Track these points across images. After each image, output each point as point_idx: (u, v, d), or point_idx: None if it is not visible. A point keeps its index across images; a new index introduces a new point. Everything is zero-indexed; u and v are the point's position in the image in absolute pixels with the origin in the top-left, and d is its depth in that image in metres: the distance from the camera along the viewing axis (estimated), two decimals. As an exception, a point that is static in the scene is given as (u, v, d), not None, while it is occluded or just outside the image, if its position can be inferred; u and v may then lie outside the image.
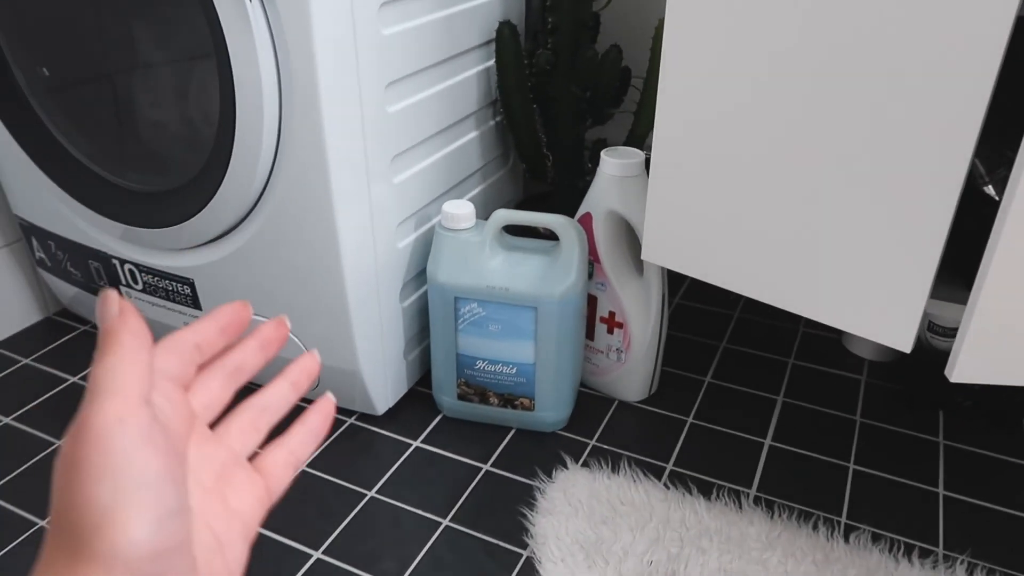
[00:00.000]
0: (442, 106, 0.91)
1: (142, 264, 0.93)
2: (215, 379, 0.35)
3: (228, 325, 0.35)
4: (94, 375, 0.27)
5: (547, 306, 0.85)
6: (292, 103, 0.74)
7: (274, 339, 0.37)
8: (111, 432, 0.25)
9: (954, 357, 0.67)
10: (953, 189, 0.63)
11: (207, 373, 0.35)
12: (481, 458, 0.90)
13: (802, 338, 1.12)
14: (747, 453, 0.91)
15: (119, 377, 0.27)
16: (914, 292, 0.68)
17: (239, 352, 0.36)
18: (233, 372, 0.35)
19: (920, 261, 0.66)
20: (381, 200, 0.84)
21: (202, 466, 0.32)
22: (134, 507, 0.24)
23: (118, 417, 0.26)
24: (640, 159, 0.87)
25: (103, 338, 0.28)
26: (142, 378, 0.27)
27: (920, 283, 0.67)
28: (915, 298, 0.68)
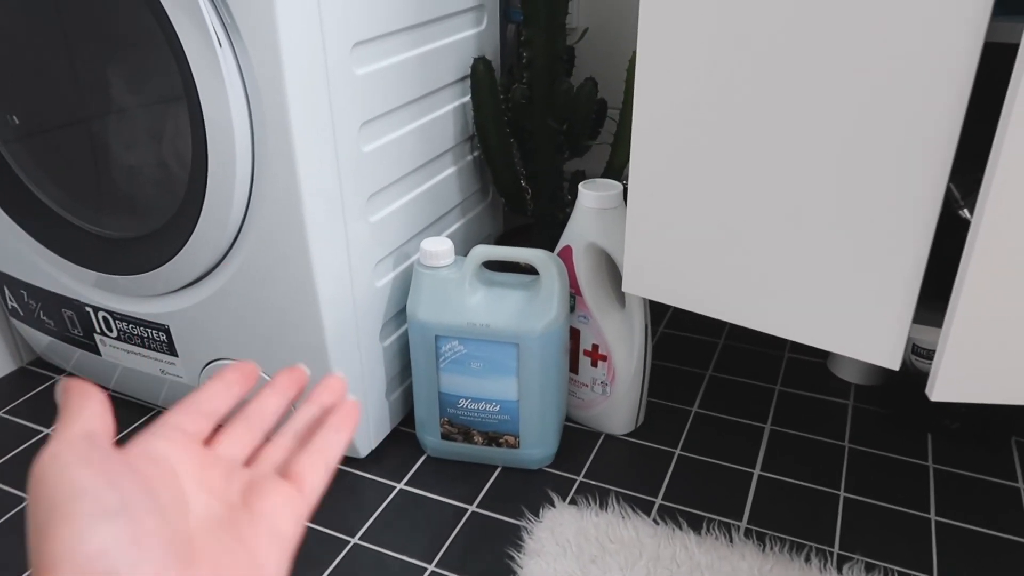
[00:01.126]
0: (419, 143, 0.91)
1: (116, 311, 0.91)
2: (238, 428, 0.36)
3: (234, 382, 0.37)
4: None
5: (529, 342, 0.84)
6: (265, 145, 0.73)
7: (290, 384, 0.39)
8: (46, 466, 0.27)
9: (933, 376, 0.67)
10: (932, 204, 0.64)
11: (231, 426, 0.36)
12: (466, 499, 0.88)
13: (788, 364, 1.12)
14: (736, 484, 0.90)
15: (59, 428, 0.29)
16: (899, 309, 0.68)
17: (257, 401, 0.38)
18: (255, 419, 0.37)
19: (904, 278, 0.67)
20: (358, 239, 0.83)
21: (223, 486, 0.33)
22: (70, 512, 0.26)
23: (52, 454, 0.28)
24: (618, 191, 0.87)
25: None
26: (79, 418, 0.30)
27: (905, 300, 0.67)
28: (900, 315, 0.68)
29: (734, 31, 0.66)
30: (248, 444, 0.36)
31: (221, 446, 0.35)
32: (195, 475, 0.32)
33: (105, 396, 0.31)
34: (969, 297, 0.63)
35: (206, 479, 0.32)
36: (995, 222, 0.60)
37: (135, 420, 1.01)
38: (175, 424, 0.33)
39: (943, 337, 0.65)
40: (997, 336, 0.64)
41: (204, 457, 0.33)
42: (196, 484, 0.32)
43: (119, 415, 1.02)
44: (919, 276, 0.66)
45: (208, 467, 0.33)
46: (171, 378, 0.93)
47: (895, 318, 0.68)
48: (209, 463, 0.33)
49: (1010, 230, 0.60)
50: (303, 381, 0.39)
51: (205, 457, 0.33)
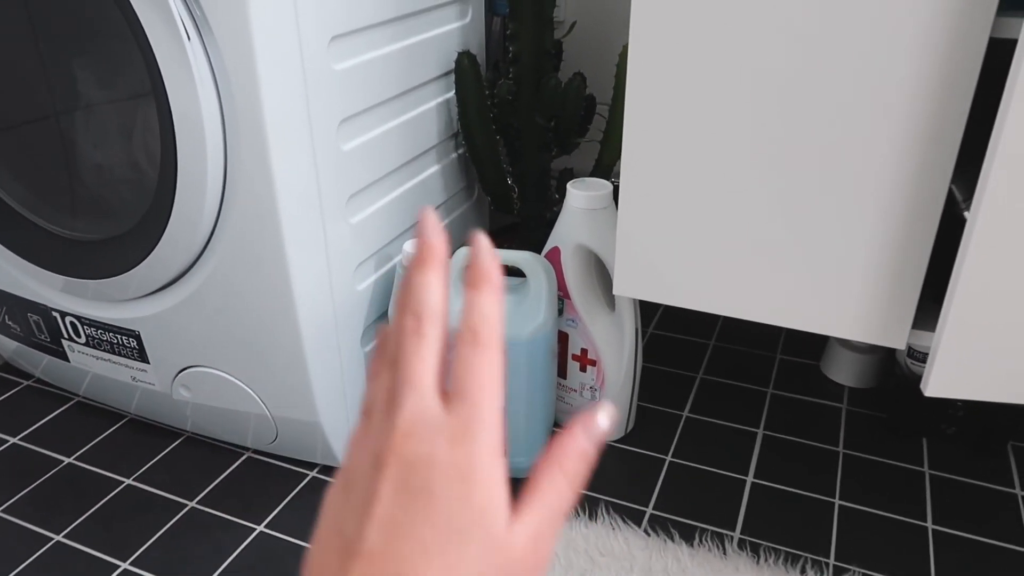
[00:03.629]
0: (401, 141, 0.88)
1: (84, 316, 0.87)
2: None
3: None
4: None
5: (516, 347, 0.81)
6: (238, 143, 0.70)
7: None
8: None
9: (928, 372, 0.66)
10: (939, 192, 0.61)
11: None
12: (452, 509, 0.85)
13: (780, 366, 1.09)
14: (729, 492, 0.87)
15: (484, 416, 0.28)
16: (905, 287, 0.66)
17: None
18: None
19: (910, 259, 0.65)
20: (338, 241, 0.80)
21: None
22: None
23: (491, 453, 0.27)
24: (608, 191, 0.84)
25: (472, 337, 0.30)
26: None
27: (911, 278, 0.66)
28: (906, 292, 0.67)
29: (729, 23, 0.63)
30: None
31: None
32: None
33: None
34: (964, 293, 0.62)
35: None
36: (991, 217, 0.58)
37: (106, 428, 0.97)
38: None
39: (938, 332, 0.64)
40: (992, 332, 0.63)
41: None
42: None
43: (89, 423, 0.98)
44: (926, 254, 0.64)
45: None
46: (143, 385, 0.90)
47: (902, 296, 0.67)
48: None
49: (1006, 226, 0.58)
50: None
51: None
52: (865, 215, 0.65)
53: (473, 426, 0.27)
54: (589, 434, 0.30)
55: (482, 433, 0.27)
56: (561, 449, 0.29)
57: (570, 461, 0.29)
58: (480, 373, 0.28)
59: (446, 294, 0.31)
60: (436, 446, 0.27)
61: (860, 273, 0.67)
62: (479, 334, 0.29)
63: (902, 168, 0.62)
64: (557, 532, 0.29)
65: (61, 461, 0.92)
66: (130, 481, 0.89)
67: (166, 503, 0.86)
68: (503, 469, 0.27)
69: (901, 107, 0.60)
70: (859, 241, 0.66)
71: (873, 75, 0.60)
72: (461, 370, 0.29)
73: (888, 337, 0.70)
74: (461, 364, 0.29)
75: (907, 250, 0.65)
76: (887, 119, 0.61)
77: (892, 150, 0.62)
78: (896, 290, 0.67)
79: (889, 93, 0.60)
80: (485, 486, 0.27)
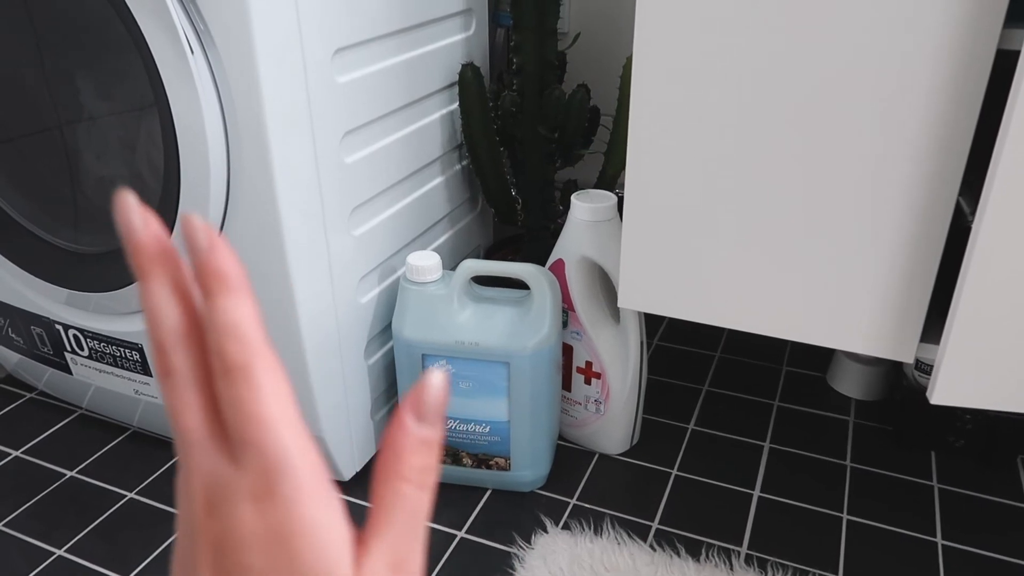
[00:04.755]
0: (404, 153, 0.87)
1: (87, 329, 0.87)
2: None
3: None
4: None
5: (520, 361, 0.80)
6: (240, 156, 0.70)
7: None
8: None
9: (934, 379, 0.66)
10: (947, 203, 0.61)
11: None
12: (455, 524, 0.84)
13: (786, 378, 1.09)
14: (736, 506, 0.87)
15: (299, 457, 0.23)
16: (913, 300, 0.66)
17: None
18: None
19: (918, 272, 0.65)
20: (341, 254, 0.80)
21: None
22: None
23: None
24: (612, 203, 0.84)
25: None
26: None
27: (919, 291, 0.65)
28: (914, 306, 0.66)
29: (736, 33, 0.63)
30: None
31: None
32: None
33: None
34: (969, 300, 0.62)
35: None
36: (995, 226, 0.58)
37: (109, 441, 0.97)
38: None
39: (944, 339, 0.64)
40: (997, 340, 0.62)
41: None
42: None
43: (92, 436, 0.98)
44: (934, 266, 0.64)
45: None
46: (146, 399, 0.89)
47: (910, 310, 0.66)
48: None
49: (1009, 235, 0.58)
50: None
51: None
52: (875, 228, 0.64)
53: (271, 476, 0.22)
54: (423, 414, 0.25)
55: (285, 480, 0.22)
56: (395, 451, 0.24)
57: (411, 461, 0.24)
58: (251, 408, 0.22)
59: (185, 301, 0.24)
60: (240, 515, 0.22)
61: (870, 286, 0.67)
62: (228, 358, 0.23)
63: (912, 180, 0.62)
64: (420, 547, 0.25)
65: (63, 475, 0.92)
66: (133, 495, 0.88)
67: (169, 517, 0.85)
68: (328, 504, 0.23)
69: (911, 118, 0.60)
70: (869, 254, 0.65)
71: (883, 88, 0.60)
72: (230, 413, 0.23)
73: (897, 351, 0.69)
74: (226, 406, 0.23)
75: (916, 263, 0.64)
76: (897, 130, 0.61)
77: (902, 161, 0.61)
78: (905, 303, 0.66)
79: (899, 106, 0.60)
80: (311, 541, 0.22)
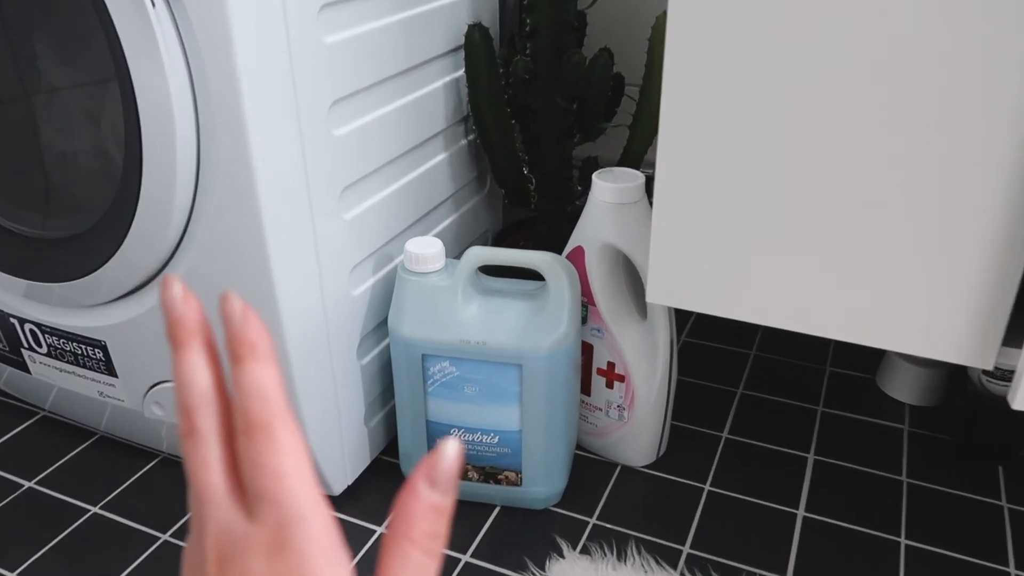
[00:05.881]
0: (402, 126, 0.77)
1: (45, 324, 0.77)
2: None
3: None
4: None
5: (533, 363, 0.70)
6: (211, 127, 0.60)
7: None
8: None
9: (1016, 383, 0.55)
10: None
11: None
12: (460, 546, 0.75)
13: (831, 379, 0.98)
14: (778, 528, 0.76)
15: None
16: (999, 301, 0.55)
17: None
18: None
19: (1007, 269, 0.54)
20: (330, 240, 0.69)
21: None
22: None
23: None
24: (639, 182, 0.73)
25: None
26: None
27: (1006, 291, 0.55)
28: (999, 308, 0.55)
29: (796, -22, 0.52)
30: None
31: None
32: None
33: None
34: None
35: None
36: None
37: (72, 447, 0.87)
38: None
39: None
40: None
41: None
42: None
43: (54, 442, 0.88)
44: (1021, 265, 0.53)
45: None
46: (112, 401, 0.80)
47: (991, 307, 0.55)
48: None
49: None
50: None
51: None
52: (963, 218, 0.53)
53: (286, 530, 0.23)
54: (435, 481, 0.26)
55: (299, 534, 0.23)
56: (405, 514, 0.25)
57: (420, 526, 0.25)
58: (270, 463, 0.24)
59: (214, 369, 0.27)
60: (254, 567, 0.23)
61: (953, 286, 0.56)
62: (251, 416, 0.25)
63: (1005, 167, 0.51)
64: None
65: (21, 486, 0.82)
66: (97, 509, 0.79)
67: (137, 535, 0.76)
68: (339, 561, 0.24)
69: (1011, 99, 0.49)
70: (953, 249, 0.55)
71: (986, 55, 0.49)
72: (248, 468, 0.24)
73: (977, 356, 0.58)
74: (246, 461, 0.25)
75: (1005, 260, 0.54)
76: (995, 107, 0.50)
77: (998, 142, 0.50)
78: (990, 305, 0.56)
79: (1000, 86, 0.49)
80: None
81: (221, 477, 0.25)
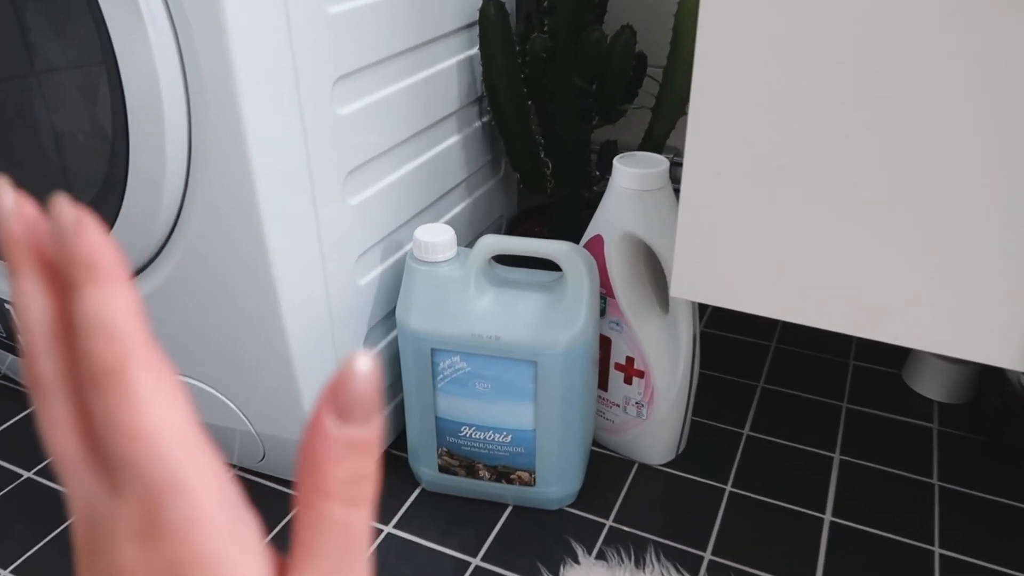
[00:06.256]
0: (412, 105, 0.73)
1: (38, 311, 0.74)
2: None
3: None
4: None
5: (549, 359, 0.66)
6: (203, 106, 0.56)
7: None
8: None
9: None
10: None
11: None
12: (469, 549, 0.71)
13: (855, 374, 0.94)
14: (804, 533, 0.73)
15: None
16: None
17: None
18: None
19: None
20: (334, 227, 0.66)
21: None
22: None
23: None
24: (663, 168, 0.69)
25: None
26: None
27: None
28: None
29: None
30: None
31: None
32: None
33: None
34: None
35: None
36: None
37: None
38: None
39: None
40: None
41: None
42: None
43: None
44: None
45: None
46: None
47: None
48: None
49: None
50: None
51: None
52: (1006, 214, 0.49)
53: (155, 506, 0.18)
54: (345, 410, 0.19)
55: (173, 508, 0.18)
56: (313, 462, 0.19)
57: (334, 472, 0.19)
58: (124, 419, 0.18)
59: (57, 299, 0.20)
60: (122, 558, 0.18)
61: (995, 284, 0.51)
62: (96, 360, 0.18)
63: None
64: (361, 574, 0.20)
65: (19, 476, 0.79)
66: (95, 504, 0.76)
67: (135, 532, 0.73)
68: (235, 533, 0.19)
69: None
70: (995, 245, 0.50)
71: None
72: (103, 428, 0.18)
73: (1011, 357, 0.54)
74: (97, 419, 0.19)
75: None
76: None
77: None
78: None
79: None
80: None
81: (76, 440, 0.19)
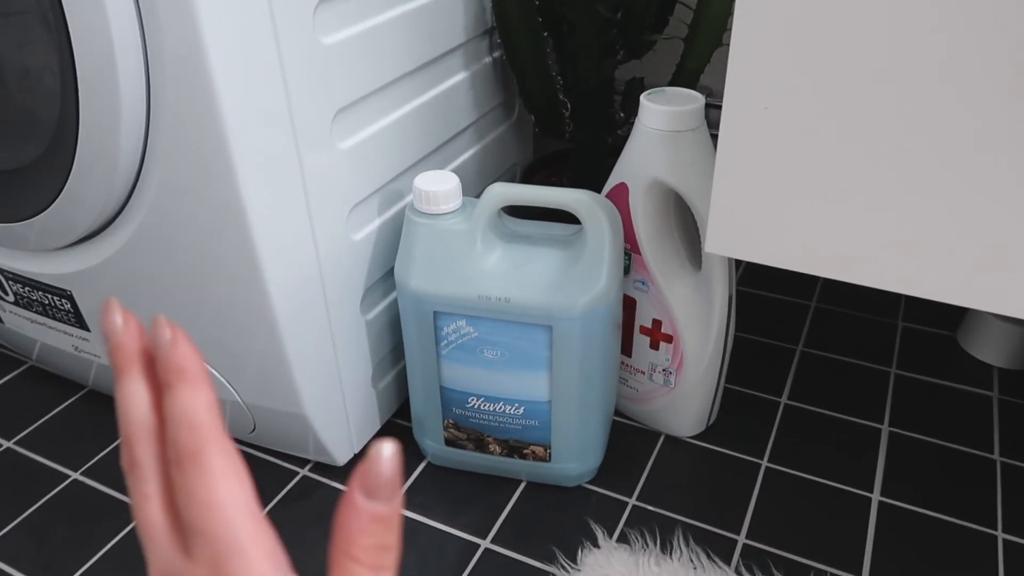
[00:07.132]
0: (412, 36, 0.64)
1: (8, 269, 0.68)
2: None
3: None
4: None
5: (566, 324, 0.59)
6: (159, 35, 0.48)
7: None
8: None
9: None
10: None
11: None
12: (478, 530, 0.65)
13: (904, 336, 0.85)
14: (850, 515, 0.66)
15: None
16: None
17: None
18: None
19: None
20: (322, 174, 0.58)
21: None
22: None
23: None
24: (698, 105, 0.60)
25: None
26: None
27: None
28: None
29: None
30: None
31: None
32: None
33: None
34: None
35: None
36: None
37: (57, 404, 0.79)
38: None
39: None
40: None
41: None
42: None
43: (38, 396, 0.80)
44: None
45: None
46: (87, 356, 0.71)
47: None
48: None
49: None
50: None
51: None
52: None
53: (221, 566, 0.22)
54: (372, 489, 0.23)
55: (235, 568, 0.22)
56: (345, 530, 0.23)
57: (362, 541, 0.23)
58: (201, 494, 0.23)
59: (156, 396, 0.25)
60: None
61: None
62: (180, 446, 0.23)
63: None
64: None
65: None
66: (77, 475, 0.71)
67: (119, 506, 0.68)
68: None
69: None
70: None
71: None
72: (182, 501, 0.23)
73: None
74: (180, 494, 0.23)
75: None
76: None
77: None
78: None
79: None
80: None
81: (161, 513, 0.24)
